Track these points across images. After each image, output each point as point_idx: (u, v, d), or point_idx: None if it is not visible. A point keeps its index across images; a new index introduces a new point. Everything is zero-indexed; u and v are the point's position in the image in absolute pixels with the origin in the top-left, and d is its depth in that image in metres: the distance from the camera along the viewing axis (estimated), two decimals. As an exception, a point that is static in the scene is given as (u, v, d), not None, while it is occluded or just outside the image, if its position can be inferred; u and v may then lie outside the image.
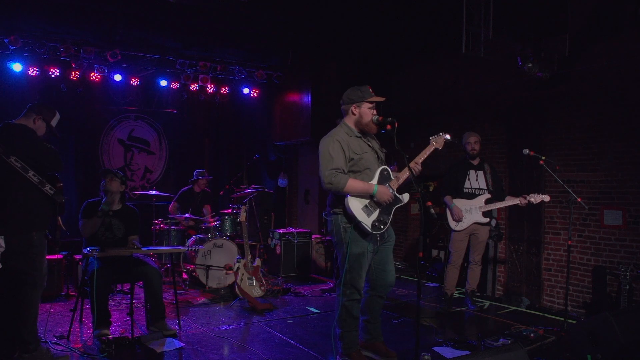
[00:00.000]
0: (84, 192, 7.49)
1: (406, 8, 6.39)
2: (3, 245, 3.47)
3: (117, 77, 7.60)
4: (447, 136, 4.00)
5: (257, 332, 4.71)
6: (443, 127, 7.53)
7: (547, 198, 5.11)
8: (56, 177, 3.80)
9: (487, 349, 3.99)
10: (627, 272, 4.96)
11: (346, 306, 3.72)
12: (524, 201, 5.16)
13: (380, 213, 3.74)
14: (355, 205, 3.65)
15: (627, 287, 4.95)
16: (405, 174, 3.79)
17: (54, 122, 3.92)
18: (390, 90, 8.23)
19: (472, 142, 5.41)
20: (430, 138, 4.04)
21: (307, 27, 7.30)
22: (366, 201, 3.69)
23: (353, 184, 3.62)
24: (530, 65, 5.61)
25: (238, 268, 5.83)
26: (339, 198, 3.69)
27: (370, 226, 3.66)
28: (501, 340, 4.19)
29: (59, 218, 3.88)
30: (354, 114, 3.80)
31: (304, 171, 9.36)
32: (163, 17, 6.86)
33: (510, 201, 5.28)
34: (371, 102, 3.80)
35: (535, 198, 5.10)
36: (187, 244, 6.49)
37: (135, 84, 7.88)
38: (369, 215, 3.69)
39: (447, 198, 5.43)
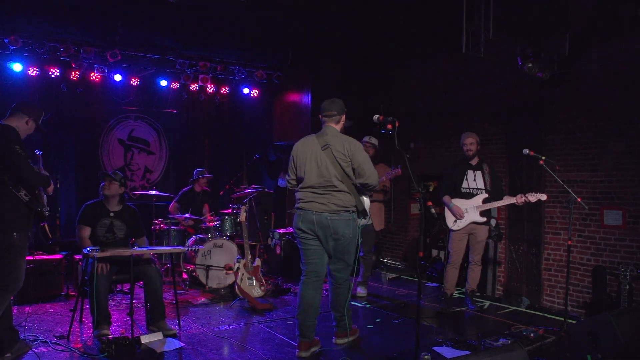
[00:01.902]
0: (83, 192, 7.47)
1: (406, 8, 6.38)
2: None
3: (117, 77, 7.59)
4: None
5: (257, 332, 4.71)
6: (443, 126, 7.60)
7: (544, 197, 5.07)
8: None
9: (487, 349, 3.99)
10: (627, 272, 4.96)
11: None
12: (520, 200, 5.12)
13: None
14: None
15: (627, 287, 4.95)
16: None
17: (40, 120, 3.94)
18: (390, 90, 8.25)
19: (468, 143, 5.39)
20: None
21: (307, 27, 7.28)
22: None
23: None
24: (530, 65, 5.61)
25: (238, 268, 5.83)
26: (355, 197, 4.00)
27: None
28: (501, 340, 4.18)
29: (45, 225, 3.79)
30: (343, 122, 4.13)
31: (304, 171, 9.32)
32: (163, 17, 6.85)
33: (507, 200, 5.25)
34: None
35: (532, 197, 5.08)
36: (187, 244, 6.49)
37: (135, 84, 7.87)
38: None
39: (446, 198, 5.43)
